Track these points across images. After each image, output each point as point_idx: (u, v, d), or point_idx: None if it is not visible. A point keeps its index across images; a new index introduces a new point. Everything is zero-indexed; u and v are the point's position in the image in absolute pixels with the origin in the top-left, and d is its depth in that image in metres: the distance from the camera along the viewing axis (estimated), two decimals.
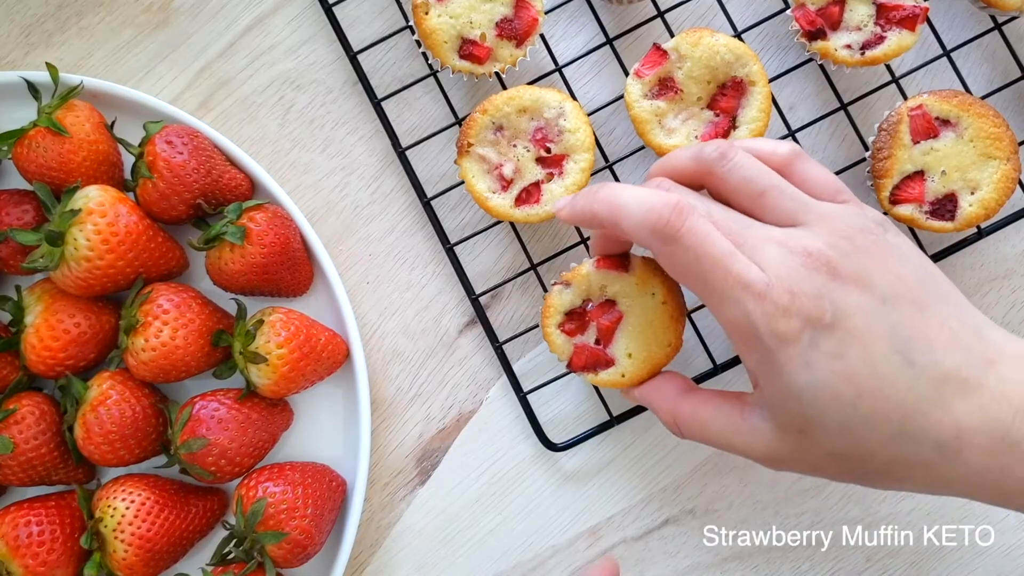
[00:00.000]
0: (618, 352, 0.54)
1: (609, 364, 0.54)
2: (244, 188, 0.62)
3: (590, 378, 0.54)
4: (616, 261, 0.54)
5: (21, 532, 0.55)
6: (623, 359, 0.54)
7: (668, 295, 0.53)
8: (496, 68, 0.61)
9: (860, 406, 0.44)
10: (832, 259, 0.45)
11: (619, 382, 0.54)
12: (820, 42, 0.60)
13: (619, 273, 0.53)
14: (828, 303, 0.44)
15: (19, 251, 0.59)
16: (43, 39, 0.66)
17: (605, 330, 0.54)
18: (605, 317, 0.54)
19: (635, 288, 0.53)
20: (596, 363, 0.54)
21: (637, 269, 0.54)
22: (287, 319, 0.58)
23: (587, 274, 0.54)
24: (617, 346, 0.54)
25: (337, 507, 0.60)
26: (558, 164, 0.60)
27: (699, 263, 0.45)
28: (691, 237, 0.45)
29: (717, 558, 0.64)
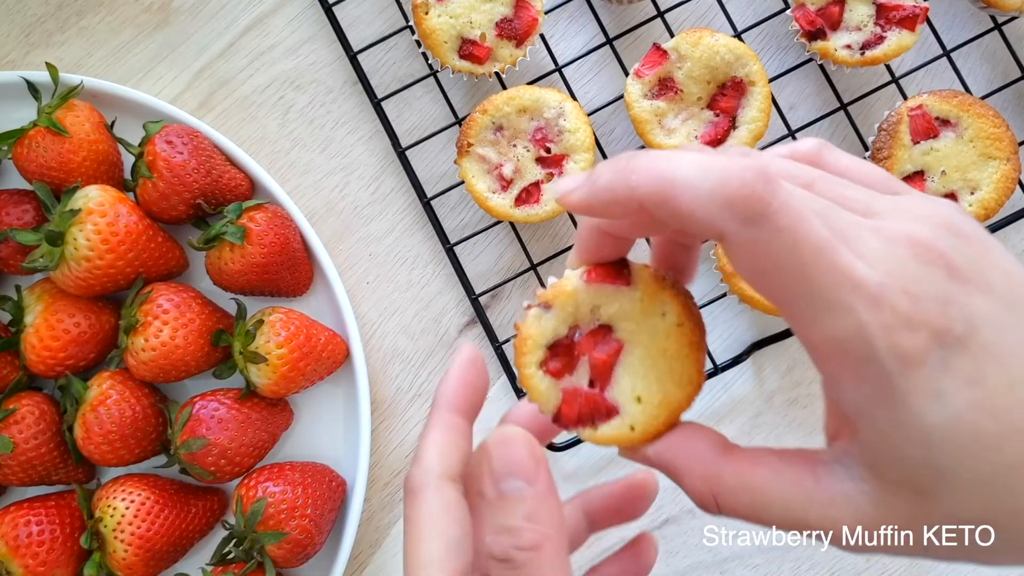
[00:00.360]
0: (622, 396, 0.38)
1: (611, 413, 0.38)
2: (244, 188, 0.62)
3: (587, 435, 0.38)
4: (612, 271, 0.38)
5: (21, 532, 0.55)
6: (629, 405, 0.38)
7: (684, 314, 0.38)
8: (496, 68, 0.61)
9: (1006, 449, 0.32)
10: (945, 251, 0.33)
11: (627, 437, 0.38)
12: (820, 42, 0.60)
13: (617, 287, 0.38)
14: (956, 310, 0.33)
15: (19, 251, 0.59)
16: (43, 39, 0.66)
17: (601, 366, 0.38)
18: (600, 348, 0.38)
19: (639, 307, 0.38)
20: (594, 413, 0.38)
21: (641, 281, 0.38)
22: (287, 319, 0.58)
23: (573, 291, 0.37)
24: (620, 387, 0.38)
25: (337, 507, 0.60)
26: (558, 164, 0.60)
27: (796, 252, 0.32)
28: (786, 215, 0.31)
29: (717, 558, 0.64)
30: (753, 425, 0.65)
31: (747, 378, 0.65)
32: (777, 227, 0.32)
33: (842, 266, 0.32)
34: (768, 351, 0.64)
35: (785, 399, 0.65)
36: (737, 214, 0.32)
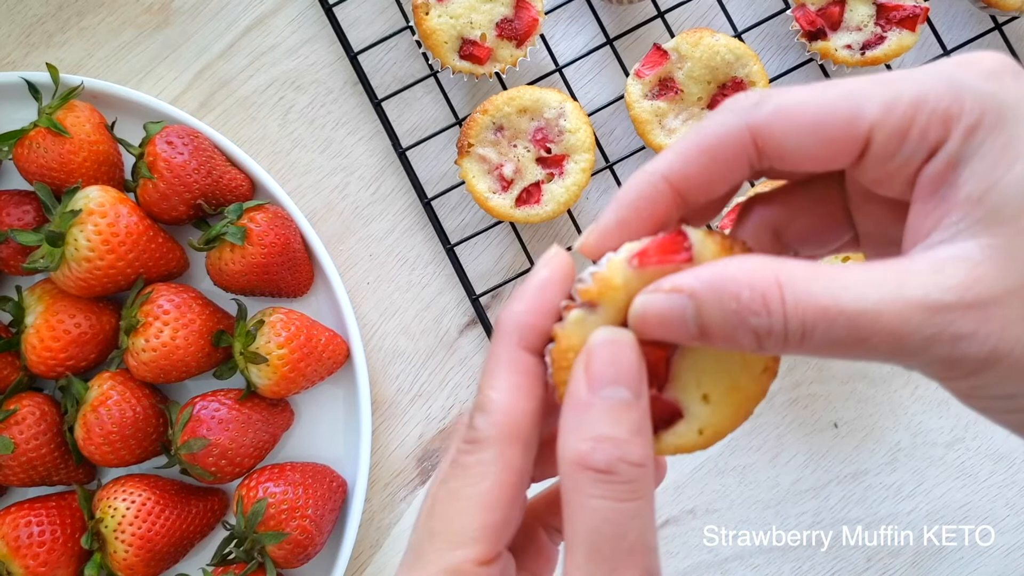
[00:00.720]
0: (685, 395, 0.32)
1: (674, 417, 0.32)
2: (244, 188, 0.62)
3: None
4: (669, 245, 0.30)
5: (22, 532, 0.55)
6: (695, 405, 0.32)
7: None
8: (496, 68, 0.61)
9: None
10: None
11: (695, 443, 0.32)
12: (820, 42, 0.60)
13: (677, 266, 0.30)
14: None
15: (20, 251, 0.59)
16: (43, 39, 0.66)
17: (653, 362, 0.31)
18: (655, 344, 0.31)
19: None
20: (653, 421, 0.31)
21: (704, 253, 0.30)
22: (287, 319, 0.58)
23: (624, 283, 0.30)
24: (682, 385, 0.32)
25: (338, 507, 0.60)
26: (558, 164, 0.60)
27: None
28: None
29: (717, 558, 0.64)
30: (753, 425, 0.65)
31: None
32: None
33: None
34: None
35: (786, 399, 0.65)
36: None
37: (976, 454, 0.64)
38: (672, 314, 0.28)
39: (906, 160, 0.29)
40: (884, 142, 0.29)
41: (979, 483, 0.64)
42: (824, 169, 0.30)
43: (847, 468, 0.64)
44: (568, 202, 0.60)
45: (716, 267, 0.28)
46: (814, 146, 0.29)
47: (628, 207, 0.31)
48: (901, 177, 0.29)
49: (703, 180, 0.31)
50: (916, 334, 0.26)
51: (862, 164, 0.30)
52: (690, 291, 0.27)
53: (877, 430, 0.64)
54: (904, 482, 0.64)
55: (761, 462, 0.64)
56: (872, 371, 0.65)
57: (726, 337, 0.28)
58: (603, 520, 0.27)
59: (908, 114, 0.28)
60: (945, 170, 0.28)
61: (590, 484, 0.27)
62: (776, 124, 0.29)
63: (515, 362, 0.30)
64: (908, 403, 0.64)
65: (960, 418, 0.64)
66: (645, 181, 0.31)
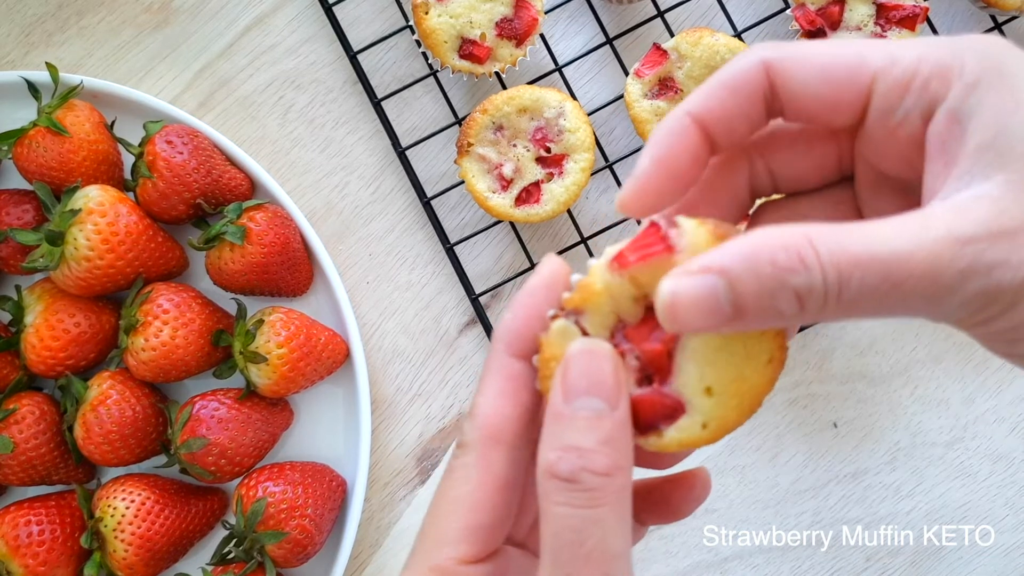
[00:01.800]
0: (687, 388, 0.30)
1: (677, 412, 0.30)
2: (244, 188, 0.62)
3: (652, 445, 0.31)
4: (649, 240, 0.30)
5: (21, 532, 0.55)
6: (698, 398, 0.30)
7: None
8: (496, 68, 0.61)
9: None
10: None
11: (699, 438, 0.31)
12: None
13: (662, 258, 0.29)
14: None
15: (19, 251, 0.59)
16: (43, 39, 0.66)
17: (657, 357, 0.30)
18: (653, 337, 0.30)
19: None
20: (655, 416, 0.30)
21: (695, 242, 0.29)
22: (287, 319, 0.58)
23: (605, 288, 0.30)
24: (684, 379, 0.30)
25: (337, 507, 0.60)
26: (558, 164, 0.60)
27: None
28: None
29: (717, 558, 0.64)
30: (753, 425, 0.65)
31: None
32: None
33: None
34: None
35: (785, 399, 0.65)
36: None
37: (975, 454, 0.64)
38: (703, 296, 0.27)
39: (907, 114, 0.29)
40: (886, 92, 0.29)
41: (978, 483, 0.64)
42: (829, 120, 0.31)
43: (846, 468, 0.64)
44: (568, 202, 0.60)
45: (743, 240, 0.27)
46: (821, 86, 0.30)
47: (660, 145, 0.31)
48: (904, 136, 0.30)
49: (723, 113, 0.31)
50: (949, 268, 0.26)
51: (866, 121, 0.30)
52: (719, 268, 0.27)
53: (876, 430, 0.64)
54: (903, 482, 0.64)
55: (760, 462, 0.64)
56: (871, 371, 0.65)
57: (764, 308, 0.27)
58: (564, 526, 0.28)
59: (911, 68, 0.29)
60: (950, 124, 0.28)
61: (555, 491, 0.28)
62: (788, 62, 0.31)
63: (502, 368, 0.31)
64: (907, 403, 0.64)
65: (959, 418, 0.64)
66: (671, 118, 0.32)
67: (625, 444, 0.29)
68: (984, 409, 0.64)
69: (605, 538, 0.28)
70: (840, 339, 0.65)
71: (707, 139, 0.32)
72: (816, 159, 0.34)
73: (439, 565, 0.30)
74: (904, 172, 0.31)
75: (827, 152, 0.34)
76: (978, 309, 0.27)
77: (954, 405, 0.64)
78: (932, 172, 0.29)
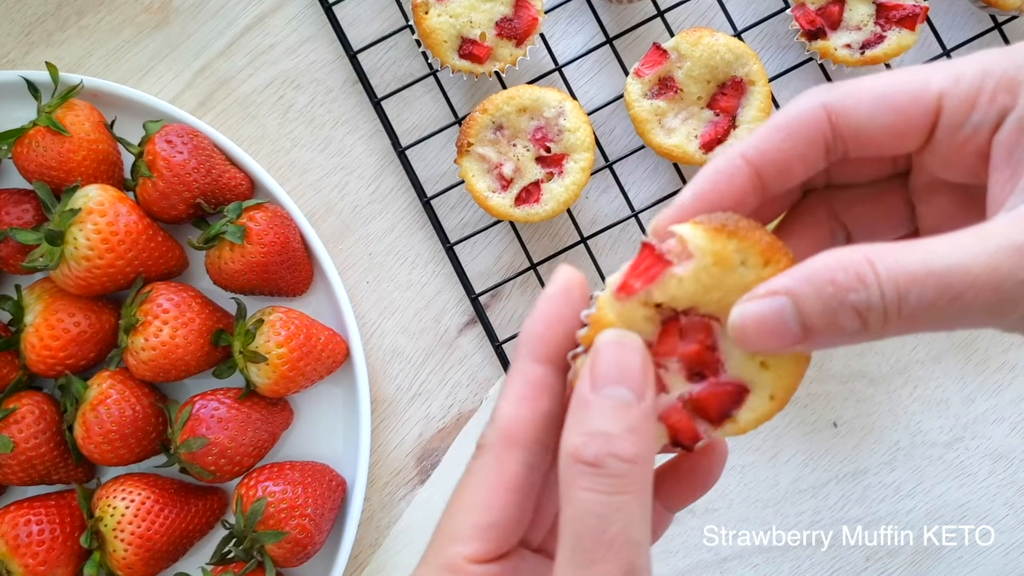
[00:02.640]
0: (743, 370, 0.32)
1: (743, 394, 0.32)
2: (244, 187, 0.62)
3: (731, 431, 0.32)
4: (648, 261, 0.31)
5: (21, 531, 0.55)
6: (757, 375, 0.32)
7: (768, 250, 0.31)
8: (496, 67, 0.61)
9: None
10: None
11: (771, 408, 0.32)
12: (820, 41, 0.60)
13: (667, 272, 0.31)
14: None
15: (19, 250, 0.59)
16: (43, 38, 0.66)
17: (698, 356, 0.32)
18: (687, 340, 0.32)
19: (713, 271, 0.31)
20: (724, 405, 0.32)
21: (701, 243, 0.31)
22: (287, 318, 0.58)
23: (618, 315, 0.31)
24: (735, 363, 0.32)
25: (337, 506, 0.60)
26: (558, 163, 0.60)
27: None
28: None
29: (717, 557, 0.64)
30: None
31: None
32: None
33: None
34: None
35: None
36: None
37: (975, 454, 0.64)
38: (772, 317, 0.28)
39: (975, 128, 0.30)
40: (954, 109, 0.30)
41: (978, 482, 0.64)
42: (896, 148, 0.31)
43: (846, 467, 0.64)
44: (568, 201, 0.60)
45: (805, 264, 0.28)
46: (887, 116, 0.30)
47: (705, 181, 0.32)
48: (971, 149, 0.30)
49: (780, 157, 0.32)
50: (1010, 278, 0.27)
51: (932, 140, 0.31)
52: (785, 290, 0.28)
53: (876, 430, 0.64)
54: (903, 481, 0.64)
55: (760, 461, 0.64)
56: (871, 371, 0.65)
57: (829, 325, 0.28)
58: (587, 511, 0.28)
59: (976, 83, 0.29)
60: (1018, 135, 0.29)
61: (579, 476, 0.28)
62: (849, 99, 0.31)
63: (523, 373, 0.31)
64: (907, 403, 0.64)
65: (959, 418, 0.64)
66: (723, 158, 0.32)
67: (649, 435, 0.29)
68: (984, 409, 0.64)
69: (629, 525, 0.28)
70: None
71: (758, 182, 0.32)
72: (872, 162, 0.34)
73: (450, 562, 0.30)
74: (967, 180, 0.31)
75: (884, 158, 0.34)
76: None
77: (954, 405, 0.64)
78: (998, 182, 0.29)
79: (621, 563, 0.28)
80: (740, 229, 0.31)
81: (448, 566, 0.30)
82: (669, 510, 0.36)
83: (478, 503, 0.31)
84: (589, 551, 0.28)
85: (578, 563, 0.28)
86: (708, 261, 0.31)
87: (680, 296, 0.31)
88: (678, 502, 0.36)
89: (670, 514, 0.36)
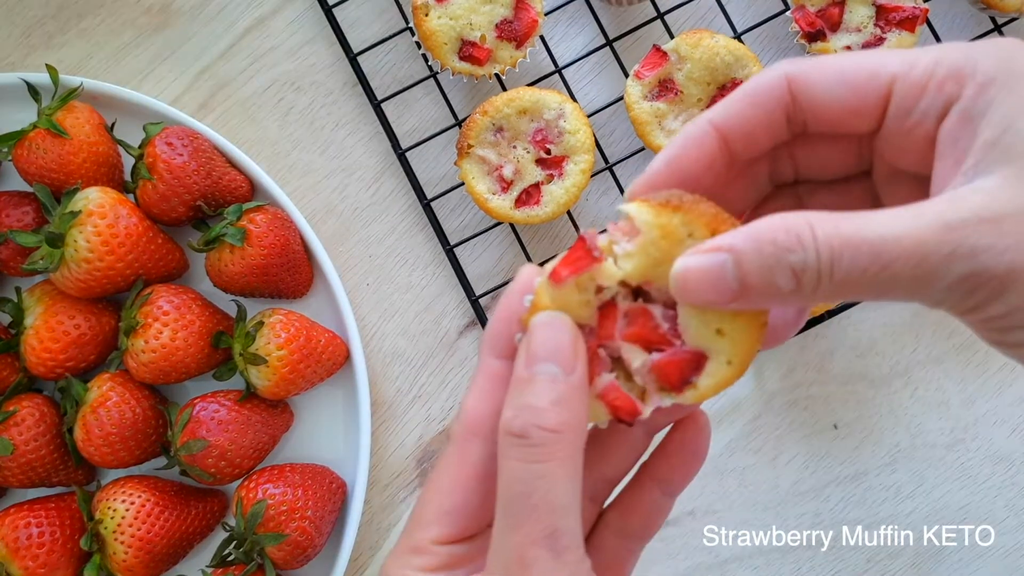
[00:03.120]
0: (701, 338, 0.32)
1: (701, 360, 0.33)
2: (244, 190, 0.62)
3: (692, 397, 0.33)
4: (580, 253, 0.32)
5: (21, 534, 0.55)
6: (714, 343, 0.32)
7: (713, 222, 0.32)
8: (496, 70, 0.61)
9: None
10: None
11: (729, 373, 0.33)
12: (820, 43, 0.60)
13: (591, 268, 0.32)
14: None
15: (19, 253, 0.59)
16: (43, 41, 0.66)
17: (638, 338, 0.33)
18: (629, 323, 0.33)
19: (661, 244, 0.32)
20: (684, 371, 0.33)
21: (648, 217, 0.32)
22: (287, 321, 0.58)
23: (552, 300, 0.32)
24: (692, 332, 0.32)
25: (337, 509, 0.60)
26: (558, 165, 0.60)
27: None
28: None
29: (717, 559, 0.64)
30: (753, 427, 0.65)
31: (747, 379, 0.65)
32: None
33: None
34: (768, 352, 0.64)
35: (785, 401, 0.65)
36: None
37: (976, 455, 0.64)
38: (713, 271, 0.30)
39: (923, 115, 0.31)
40: (904, 94, 0.31)
41: (979, 484, 0.64)
42: (850, 126, 0.33)
43: (847, 469, 0.64)
44: (568, 203, 0.60)
45: (750, 224, 0.30)
46: (842, 91, 0.32)
47: (676, 148, 0.34)
48: (920, 135, 0.31)
49: (744, 123, 0.33)
50: (935, 252, 0.27)
51: (884, 123, 0.32)
52: (728, 246, 0.29)
53: (877, 431, 0.64)
54: (904, 483, 0.64)
55: (761, 463, 0.64)
56: (872, 372, 0.65)
57: (766, 284, 0.29)
58: (514, 479, 0.30)
59: (927, 70, 0.31)
60: (961, 123, 0.30)
61: (508, 447, 0.31)
62: (809, 72, 0.32)
63: (483, 368, 0.34)
64: (908, 404, 0.64)
65: (960, 419, 0.64)
66: (693, 125, 0.34)
67: (577, 405, 0.31)
68: (984, 411, 0.64)
69: (551, 491, 0.30)
70: (840, 341, 0.65)
71: (725, 148, 0.33)
72: (837, 153, 0.35)
73: (416, 545, 0.32)
74: (920, 169, 0.32)
75: (847, 147, 0.35)
76: (966, 294, 0.28)
77: (954, 407, 0.64)
78: (941, 169, 0.31)
79: (544, 526, 0.29)
80: (685, 203, 0.32)
81: (415, 548, 0.32)
82: (667, 494, 0.37)
83: (442, 490, 0.33)
84: (515, 515, 0.30)
85: (507, 527, 0.30)
86: (655, 235, 0.32)
87: (633, 272, 0.32)
88: (674, 484, 0.37)
89: (669, 500, 0.37)
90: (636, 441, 0.38)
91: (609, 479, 0.37)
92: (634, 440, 0.38)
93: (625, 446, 0.37)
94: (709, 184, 0.34)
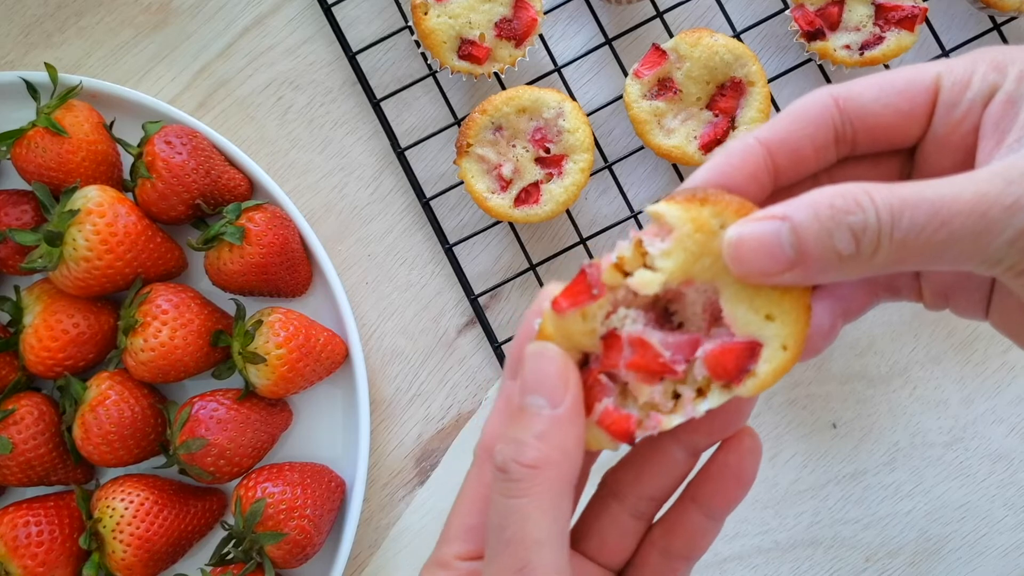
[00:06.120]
0: (751, 325, 0.32)
1: (756, 349, 0.32)
2: (243, 188, 0.62)
3: (751, 386, 0.32)
4: (578, 283, 0.32)
5: (20, 532, 0.55)
6: (765, 329, 0.32)
7: (742, 205, 0.32)
8: (495, 68, 0.61)
9: None
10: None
11: (787, 358, 0.32)
12: (819, 42, 0.60)
13: (590, 303, 0.32)
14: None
15: (18, 251, 0.59)
16: (42, 39, 0.66)
17: (641, 367, 0.32)
18: (632, 352, 0.33)
19: (696, 239, 0.32)
20: (741, 361, 0.32)
21: (679, 213, 0.32)
22: (286, 319, 0.58)
23: (555, 328, 0.33)
24: (741, 321, 0.32)
25: (336, 507, 0.60)
26: (557, 164, 0.60)
27: None
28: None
29: (717, 558, 0.64)
30: (752, 426, 0.64)
31: None
32: None
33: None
34: None
35: (784, 399, 0.65)
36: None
37: (975, 454, 0.64)
38: (768, 238, 0.29)
39: (970, 105, 0.32)
40: (950, 88, 0.32)
41: (977, 483, 0.64)
42: (901, 132, 0.33)
43: (846, 468, 0.64)
44: (567, 202, 0.60)
45: (803, 195, 0.30)
46: (890, 97, 0.33)
47: (723, 160, 0.33)
48: (967, 127, 0.32)
49: (792, 139, 0.33)
50: (997, 204, 0.28)
51: (932, 122, 0.33)
52: (783, 214, 0.29)
53: (876, 430, 0.64)
54: (903, 482, 0.64)
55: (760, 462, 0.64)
56: (871, 371, 0.65)
57: (823, 248, 0.29)
58: (494, 511, 0.31)
59: (968, 66, 0.32)
60: (1005, 106, 0.31)
61: (493, 479, 0.31)
62: (853, 87, 0.33)
63: (503, 389, 0.34)
64: (907, 403, 0.64)
65: (959, 418, 0.64)
66: (737, 141, 0.33)
67: (561, 439, 0.31)
68: (983, 410, 0.64)
69: (524, 526, 0.30)
70: (839, 340, 0.65)
71: (771, 164, 0.33)
72: (878, 178, 0.35)
73: (440, 559, 0.34)
74: (964, 163, 0.33)
75: (890, 169, 0.36)
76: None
77: (953, 406, 0.64)
78: (985, 149, 0.32)
79: (515, 561, 0.30)
80: (710, 196, 0.32)
81: (440, 563, 0.33)
82: (712, 519, 0.37)
83: (463, 508, 0.34)
84: (492, 547, 0.31)
85: (488, 558, 0.31)
86: (689, 228, 0.32)
87: (675, 270, 0.32)
88: (715, 509, 0.37)
89: (715, 523, 0.37)
90: (675, 460, 0.37)
91: (651, 497, 0.37)
92: (673, 459, 0.36)
93: (662, 465, 0.36)
94: (751, 199, 0.33)
